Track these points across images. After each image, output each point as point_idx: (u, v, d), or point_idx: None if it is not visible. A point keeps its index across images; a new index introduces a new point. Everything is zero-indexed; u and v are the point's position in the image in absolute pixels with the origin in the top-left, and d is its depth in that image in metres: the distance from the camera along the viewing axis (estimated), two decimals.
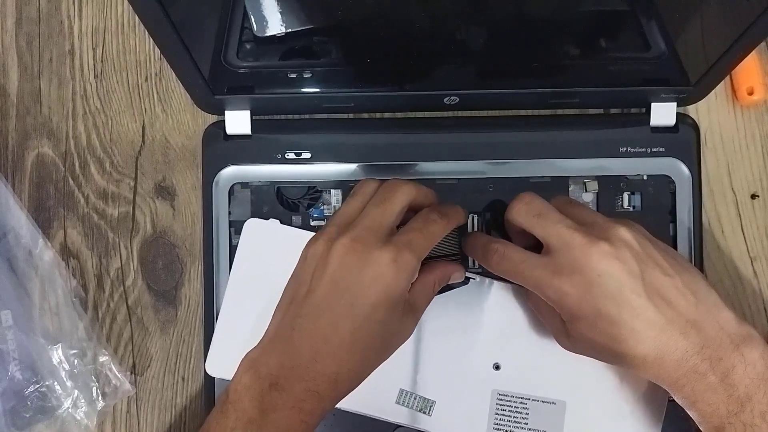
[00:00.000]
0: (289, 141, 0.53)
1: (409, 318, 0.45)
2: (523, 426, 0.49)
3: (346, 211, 0.46)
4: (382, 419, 0.49)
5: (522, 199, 0.46)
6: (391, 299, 0.42)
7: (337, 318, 0.42)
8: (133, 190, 0.55)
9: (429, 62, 0.49)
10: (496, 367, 0.49)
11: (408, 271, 0.43)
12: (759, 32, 0.43)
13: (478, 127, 0.54)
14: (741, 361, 0.40)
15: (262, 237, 0.50)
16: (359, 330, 0.42)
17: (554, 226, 0.44)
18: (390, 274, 0.42)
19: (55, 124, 0.55)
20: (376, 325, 0.42)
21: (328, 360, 0.42)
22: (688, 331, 0.41)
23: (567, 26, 0.46)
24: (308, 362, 0.42)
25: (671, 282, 0.42)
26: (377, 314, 0.42)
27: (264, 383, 0.42)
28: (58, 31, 0.56)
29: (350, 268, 0.42)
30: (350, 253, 0.42)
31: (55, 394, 0.52)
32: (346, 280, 0.42)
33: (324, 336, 0.42)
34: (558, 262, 0.43)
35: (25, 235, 0.53)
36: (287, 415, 0.41)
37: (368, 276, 0.42)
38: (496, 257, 0.46)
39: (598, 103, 0.54)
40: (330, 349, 0.42)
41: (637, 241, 0.43)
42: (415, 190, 0.46)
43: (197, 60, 0.45)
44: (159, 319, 0.54)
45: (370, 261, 0.42)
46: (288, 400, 0.41)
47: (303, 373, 0.42)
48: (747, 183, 0.54)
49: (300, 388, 0.41)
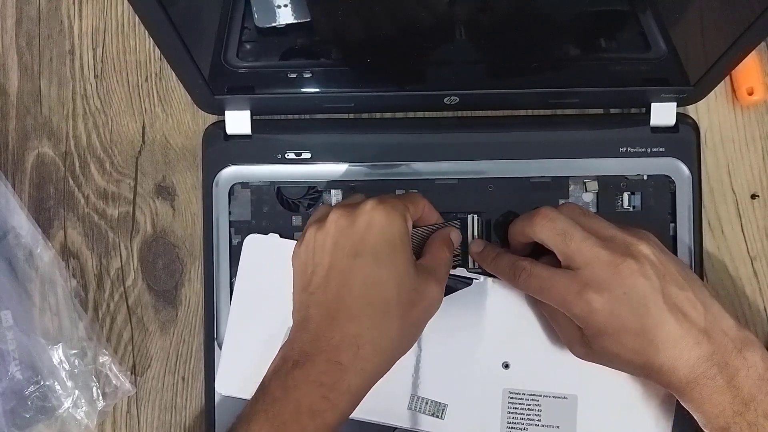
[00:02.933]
0: (289, 141, 0.53)
1: (429, 278, 0.44)
2: (537, 423, 0.49)
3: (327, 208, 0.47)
4: (395, 426, 0.49)
5: (546, 215, 0.46)
6: (389, 240, 0.43)
7: (344, 275, 0.43)
8: (133, 191, 0.55)
9: (429, 62, 0.49)
10: (506, 366, 0.49)
11: (396, 210, 0.44)
12: (759, 32, 0.43)
13: (478, 127, 0.54)
14: (744, 364, 0.42)
15: (263, 252, 0.50)
16: (370, 278, 0.42)
17: (579, 244, 0.44)
18: (379, 215, 0.43)
19: (55, 124, 0.55)
20: (386, 271, 0.43)
21: (346, 320, 0.42)
22: (700, 340, 0.43)
23: (567, 26, 0.46)
24: (326, 329, 0.42)
25: (685, 295, 0.43)
26: (381, 258, 0.43)
27: (288, 365, 0.42)
28: (58, 31, 0.56)
29: (344, 226, 0.44)
30: (341, 216, 0.44)
31: (55, 394, 0.52)
32: (344, 237, 0.43)
33: (337, 296, 0.42)
34: (584, 278, 0.44)
35: (26, 236, 0.53)
36: (308, 390, 0.41)
37: (361, 225, 0.43)
38: (523, 275, 0.46)
39: (598, 103, 0.54)
40: (345, 307, 0.42)
41: (656, 256, 0.44)
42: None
43: (197, 60, 0.45)
44: (159, 319, 0.54)
45: (358, 213, 0.44)
46: (309, 374, 0.41)
47: (322, 344, 0.41)
48: (747, 183, 0.54)
49: (321, 360, 0.41)
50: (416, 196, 0.48)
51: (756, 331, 0.54)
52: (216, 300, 0.52)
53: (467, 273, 0.50)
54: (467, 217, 0.52)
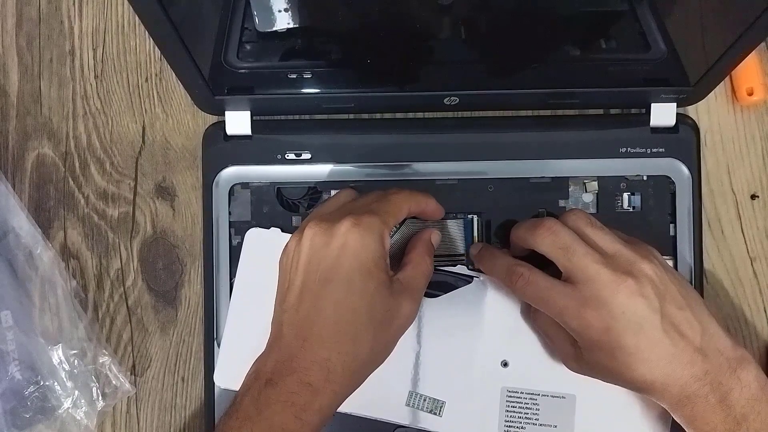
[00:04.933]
0: (289, 141, 0.53)
1: (403, 296, 0.44)
2: (534, 422, 0.49)
3: (317, 211, 0.47)
4: (393, 422, 0.49)
5: (549, 228, 0.45)
6: (363, 265, 0.42)
7: (316, 299, 0.42)
8: (133, 191, 0.55)
9: (429, 62, 0.49)
10: (504, 364, 0.50)
11: (372, 231, 0.43)
12: (759, 32, 0.43)
13: (478, 128, 0.54)
14: (737, 384, 0.43)
15: (264, 246, 0.50)
16: (340, 305, 0.42)
17: (580, 261, 0.44)
18: (353, 238, 0.43)
19: (55, 124, 0.55)
20: (357, 297, 0.42)
21: (317, 344, 0.42)
22: (694, 359, 0.43)
23: (567, 26, 0.46)
24: (298, 351, 0.42)
25: (683, 315, 0.44)
26: (353, 284, 0.42)
27: (261, 382, 0.42)
28: (59, 31, 0.56)
29: (318, 247, 0.43)
30: (317, 234, 0.44)
31: (55, 395, 0.52)
32: (317, 259, 0.43)
33: (308, 320, 0.42)
34: (583, 294, 0.44)
35: (26, 236, 0.53)
36: (279, 409, 0.41)
37: (334, 247, 0.43)
38: (521, 282, 0.46)
39: (598, 103, 0.54)
40: (316, 331, 0.42)
41: (658, 275, 0.44)
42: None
43: (197, 60, 0.45)
44: (159, 320, 0.54)
45: (334, 233, 0.43)
46: (280, 394, 0.41)
47: (294, 365, 0.41)
48: (747, 183, 0.54)
49: (292, 381, 0.41)
50: (428, 196, 0.48)
51: (756, 332, 0.54)
52: (216, 300, 0.52)
53: (468, 271, 0.50)
54: (467, 217, 0.52)
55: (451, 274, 0.50)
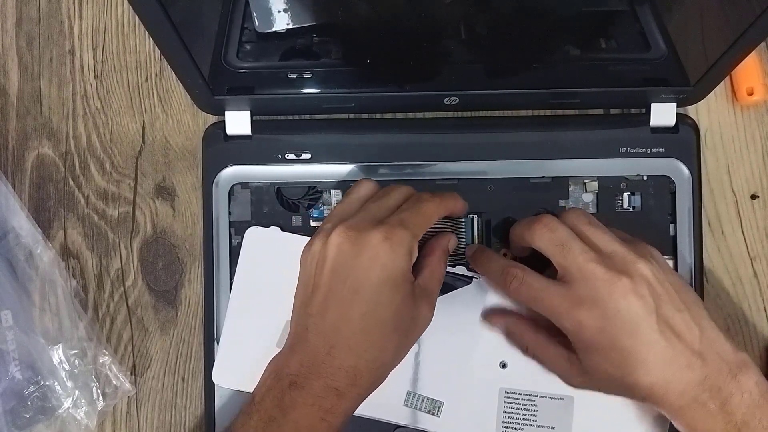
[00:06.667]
0: (289, 141, 0.53)
1: (423, 302, 0.44)
2: (532, 423, 0.49)
3: (341, 209, 0.47)
4: (391, 422, 0.49)
5: (546, 224, 0.45)
6: (392, 278, 0.43)
7: (344, 308, 0.42)
8: (133, 191, 0.55)
9: (429, 62, 0.49)
10: (503, 365, 0.50)
11: (403, 246, 0.43)
12: (759, 32, 0.43)
13: (478, 128, 0.54)
14: (738, 389, 0.42)
15: (264, 245, 0.50)
16: (368, 316, 0.42)
17: (576, 258, 0.44)
18: (384, 251, 0.42)
19: (55, 124, 0.55)
20: (385, 308, 0.42)
21: (344, 352, 0.42)
22: (693, 363, 0.42)
23: (567, 26, 0.46)
24: (324, 357, 0.42)
25: (681, 316, 0.43)
26: (382, 295, 0.42)
27: (284, 383, 0.42)
28: (58, 31, 0.56)
29: (347, 255, 0.43)
30: (345, 241, 0.43)
31: (55, 394, 0.52)
32: (345, 268, 0.43)
33: (335, 328, 0.42)
34: (578, 293, 0.43)
35: (26, 236, 0.53)
36: (307, 412, 0.41)
37: (365, 259, 0.42)
38: (514, 282, 0.46)
39: (598, 103, 0.54)
40: (343, 340, 0.42)
41: (655, 276, 0.43)
42: (412, 189, 0.47)
43: (197, 60, 0.45)
44: (159, 320, 0.54)
45: (364, 244, 0.43)
46: (307, 398, 0.41)
47: (321, 370, 0.42)
48: (747, 183, 0.54)
49: (319, 385, 0.42)
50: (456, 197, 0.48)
51: (756, 332, 0.54)
52: (216, 300, 0.52)
53: (467, 272, 0.50)
54: (467, 216, 0.52)
55: (451, 275, 0.50)
